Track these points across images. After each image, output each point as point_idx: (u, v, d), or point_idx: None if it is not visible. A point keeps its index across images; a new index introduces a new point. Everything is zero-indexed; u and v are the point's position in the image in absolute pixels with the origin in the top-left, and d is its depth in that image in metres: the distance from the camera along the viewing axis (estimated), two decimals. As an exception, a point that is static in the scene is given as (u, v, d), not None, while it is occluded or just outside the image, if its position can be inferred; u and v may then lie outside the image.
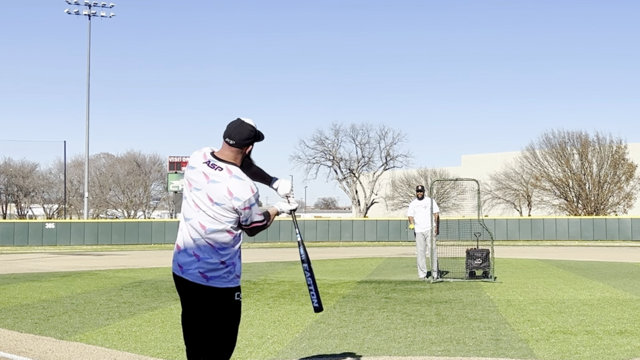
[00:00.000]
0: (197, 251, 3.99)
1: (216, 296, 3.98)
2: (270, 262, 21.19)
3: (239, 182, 3.98)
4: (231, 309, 4.04)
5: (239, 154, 4.10)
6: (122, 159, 75.49)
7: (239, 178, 4.00)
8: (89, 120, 50.51)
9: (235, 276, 4.05)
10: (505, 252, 25.24)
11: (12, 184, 70.40)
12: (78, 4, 51.17)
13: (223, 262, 3.99)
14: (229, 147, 4.07)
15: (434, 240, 13.92)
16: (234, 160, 4.07)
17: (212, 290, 3.97)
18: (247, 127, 4.09)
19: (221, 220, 3.98)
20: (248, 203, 3.98)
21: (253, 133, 4.11)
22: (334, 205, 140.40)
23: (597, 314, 8.76)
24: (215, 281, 3.97)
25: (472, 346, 6.66)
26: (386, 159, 63.83)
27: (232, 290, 4.03)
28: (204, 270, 3.97)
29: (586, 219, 44.25)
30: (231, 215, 3.99)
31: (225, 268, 4.00)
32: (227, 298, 4.01)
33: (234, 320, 4.07)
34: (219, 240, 3.98)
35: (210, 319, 4.02)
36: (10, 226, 41.37)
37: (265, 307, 9.73)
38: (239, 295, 4.07)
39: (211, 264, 3.97)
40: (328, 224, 44.71)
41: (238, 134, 4.06)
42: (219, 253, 3.98)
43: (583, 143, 56.37)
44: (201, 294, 3.99)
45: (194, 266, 3.99)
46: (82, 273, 16.71)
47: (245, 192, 3.99)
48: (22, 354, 6.47)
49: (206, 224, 3.98)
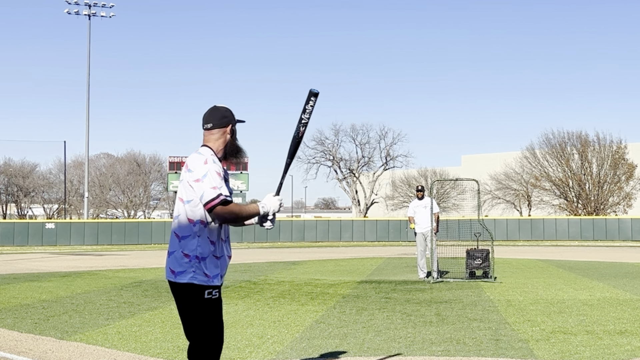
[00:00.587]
0: (170, 245, 3.93)
1: (183, 292, 3.85)
2: (270, 262, 21.19)
3: (195, 155, 3.91)
4: (200, 307, 3.84)
5: (220, 137, 4.03)
6: (122, 159, 75.49)
7: (198, 152, 3.93)
8: (89, 120, 50.54)
9: (203, 273, 3.83)
10: (505, 252, 25.25)
11: (12, 184, 70.37)
12: (78, 4, 51.16)
13: (185, 254, 3.82)
14: (209, 132, 4.03)
15: (434, 240, 13.92)
16: (215, 143, 4.01)
17: (178, 286, 3.85)
18: (221, 108, 4.07)
19: (183, 202, 3.85)
20: (199, 174, 3.79)
21: (229, 112, 4.06)
22: (334, 205, 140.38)
23: (597, 314, 8.76)
24: (181, 276, 3.82)
25: (472, 346, 6.66)
26: (386, 159, 63.87)
27: (199, 287, 3.82)
28: (172, 265, 3.87)
29: (586, 219, 44.24)
30: (189, 194, 3.83)
31: (189, 261, 3.82)
32: (195, 295, 3.82)
33: (205, 320, 3.86)
34: (181, 229, 3.85)
35: (183, 317, 3.91)
36: (10, 226, 41.36)
37: (265, 307, 9.73)
38: (210, 293, 3.84)
39: (176, 257, 3.85)
40: (328, 224, 44.70)
41: (213, 116, 4.04)
42: (180, 244, 3.85)
43: (583, 143, 56.37)
44: (173, 290, 3.91)
45: (167, 262, 3.93)
46: (82, 273, 16.71)
47: (198, 163, 3.84)
48: (22, 354, 6.47)
49: (177, 212, 3.90)
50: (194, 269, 3.83)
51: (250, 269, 17.76)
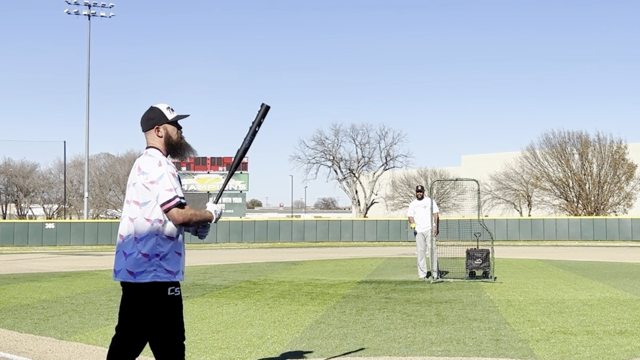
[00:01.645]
0: (124, 248, 3.91)
1: (144, 292, 3.85)
2: (270, 262, 21.18)
3: (147, 158, 3.95)
4: (163, 305, 3.86)
5: (154, 138, 4.04)
6: (122, 159, 75.45)
7: (149, 155, 3.97)
8: (89, 120, 50.55)
9: (164, 270, 3.85)
10: (505, 252, 25.24)
11: (12, 184, 70.36)
12: (78, 4, 51.17)
13: (145, 254, 3.84)
14: (145, 134, 4.07)
15: (434, 241, 13.91)
16: (150, 144, 4.04)
17: (139, 286, 3.85)
18: (149, 110, 4.06)
19: (139, 205, 3.88)
20: (155, 177, 3.84)
21: (156, 112, 4.03)
22: (334, 205, 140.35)
23: (597, 314, 8.75)
24: (142, 276, 3.83)
25: (472, 346, 6.65)
26: (386, 159, 63.87)
27: (162, 285, 3.85)
28: (129, 266, 3.86)
29: (586, 219, 44.24)
30: (146, 196, 3.86)
31: (149, 261, 3.83)
32: (158, 294, 3.84)
33: (168, 318, 3.88)
34: (139, 230, 3.86)
35: (142, 319, 3.89)
36: (10, 226, 41.35)
37: (265, 307, 9.72)
38: (173, 290, 3.88)
39: (135, 258, 3.85)
40: (328, 224, 44.69)
41: (142, 119, 4.08)
42: (138, 245, 3.85)
43: (583, 143, 56.35)
44: (130, 292, 3.90)
45: (122, 264, 3.90)
46: (82, 273, 16.71)
47: (152, 165, 3.88)
48: (22, 354, 6.47)
49: (131, 215, 3.91)
50: (154, 267, 3.84)
51: (250, 269, 17.76)
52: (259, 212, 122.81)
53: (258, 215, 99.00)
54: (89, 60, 50.51)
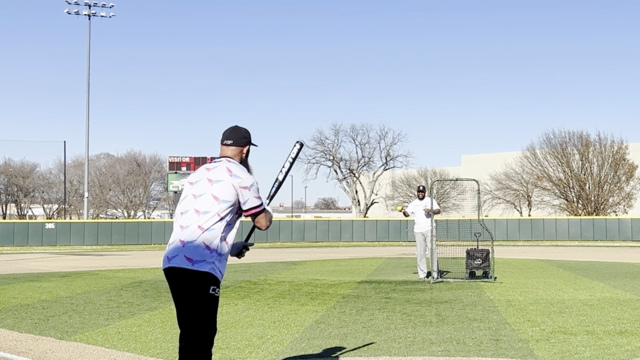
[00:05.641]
0: (185, 236, 4.03)
1: (197, 281, 3.96)
2: (270, 262, 21.19)
3: (236, 166, 4.20)
4: (206, 300, 3.99)
5: (236, 154, 4.30)
6: (122, 159, 75.49)
7: (235, 163, 4.23)
8: (89, 120, 50.55)
9: (218, 269, 4.02)
10: (505, 252, 25.25)
11: (12, 184, 70.39)
12: (78, 4, 51.17)
13: (207, 245, 3.99)
14: (227, 147, 4.31)
15: (434, 241, 13.92)
16: (233, 157, 4.30)
17: (195, 274, 3.95)
18: (242, 129, 4.39)
19: (218, 200, 4.04)
20: (247, 183, 4.10)
21: (248, 134, 4.38)
22: (334, 205, 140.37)
23: (597, 314, 8.75)
24: (200, 265, 3.95)
25: (472, 346, 6.65)
26: (386, 159, 63.87)
27: (214, 279, 4.00)
28: (189, 253, 3.97)
29: (586, 219, 44.24)
30: (230, 195, 4.06)
31: (210, 253, 3.98)
32: (206, 286, 3.97)
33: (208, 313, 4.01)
34: (209, 223, 4.02)
35: (186, 308, 4.00)
36: (10, 226, 41.36)
37: (265, 307, 9.72)
38: (215, 290, 4.01)
39: (197, 247, 3.97)
40: (328, 224, 44.71)
41: (234, 134, 4.34)
42: (204, 235, 3.99)
43: (584, 143, 56.33)
44: (183, 279, 3.99)
45: (181, 250, 4.00)
46: (82, 273, 16.71)
47: (244, 172, 4.17)
48: (22, 354, 6.47)
49: (201, 208, 4.05)
50: (213, 260, 4.00)
51: (250, 269, 17.75)
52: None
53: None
54: (89, 60, 50.57)
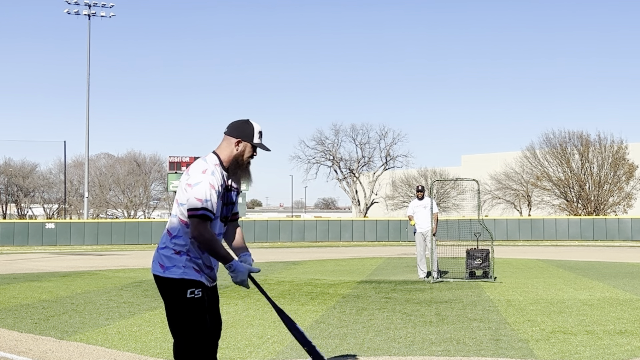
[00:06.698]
0: (160, 243, 3.95)
1: (170, 288, 3.86)
2: (270, 262, 21.19)
3: (198, 162, 3.93)
4: (182, 304, 3.85)
5: (227, 146, 4.00)
6: (122, 159, 75.48)
7: (203, 159, 3.94)
8: (89, 120, 50.56)
9: (193, 269, 3.86)
10: (505, 252, 25.24)
11: (12, 184, 70.36)
12: (78, 4, 51.19)
13: (177, 251, 3.85)
14: (224, 137, 4.05)
15: (434, 240, 13.92)
16: (223, 151, 4.00)
17: (166, 281, 3.86)
18: (242, 121, 4.04)
19: (178, 204, 3.88)
20: (193, 181, 3.78)
21: (248, 129, 3.99)
22: (334, 205, 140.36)
23: (597, 314, 8.75)
24: (170, 271, 3.83)
25: (472, 346, 6.65)
26: (386, 159, 63.87)
27: (189, 282, 3.83)
28: (161, 259, 3.88)
29: (586, 219, 44.23)
30: (183, 197, 3.85)
31: (179, 257, 3.84)
32: (180, 291, 3.83)
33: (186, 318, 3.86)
34: (174, 228, 3.88)
35: (167, 313, 3.94)
36: (10, 226, 41.36)
37: (265, 307, 9.72)
38: (193, 292, 3.83)
39: (166, 253, 3.87)
40: (328, 224, 44.69)
41: (231, 123, 4.05)
42: (172, 241, 3.87)
43: (584, 143, 56.30)
44: (159, 285, 3.92)
45: (155, 257, 3.94)
46: (82, 273, 16.71)
47: (197, 170, 3.84)
48: (22, 354, 6.47)
49: (172, 211, 3.97)
50: (184, 264, 3.84)
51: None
52: (259, 212, 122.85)
53: (258, 215, 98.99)
54: (89, 60, 50.58)
